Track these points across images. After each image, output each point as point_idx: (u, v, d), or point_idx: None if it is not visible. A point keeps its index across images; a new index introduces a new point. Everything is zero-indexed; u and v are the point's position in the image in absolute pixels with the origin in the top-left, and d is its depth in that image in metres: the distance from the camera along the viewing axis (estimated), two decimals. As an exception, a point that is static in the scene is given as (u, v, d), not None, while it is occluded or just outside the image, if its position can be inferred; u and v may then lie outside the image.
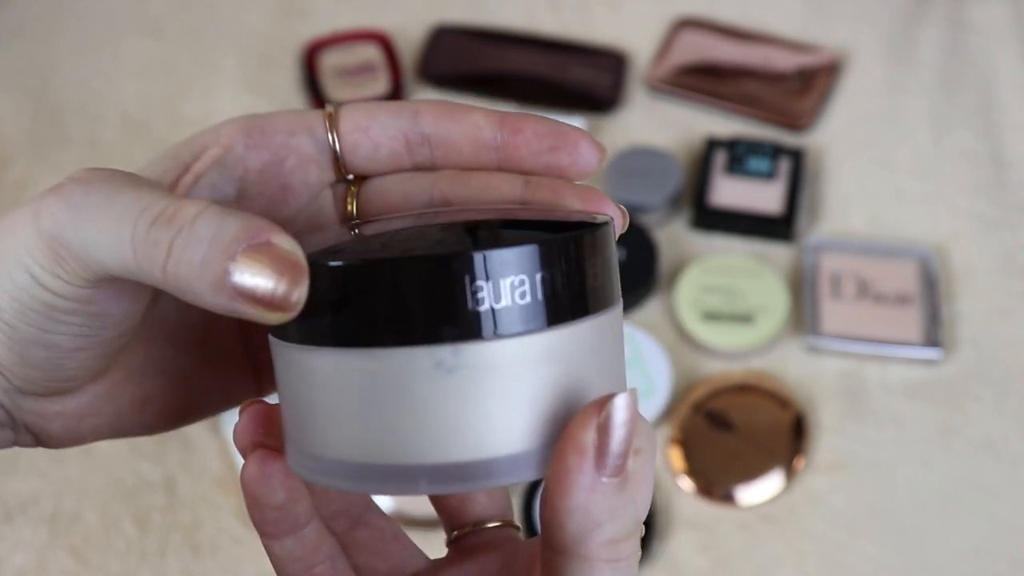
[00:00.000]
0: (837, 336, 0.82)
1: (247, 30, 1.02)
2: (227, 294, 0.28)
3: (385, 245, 0.31)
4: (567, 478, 0.29)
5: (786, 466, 0.77)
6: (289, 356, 0.31)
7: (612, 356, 0.32)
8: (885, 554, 0.74)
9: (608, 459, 0.29)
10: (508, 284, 0.29)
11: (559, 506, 0.29)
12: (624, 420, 0.29)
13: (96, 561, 0.74)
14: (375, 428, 0.29)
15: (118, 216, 0.30)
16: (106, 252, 0.30)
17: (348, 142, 0.36)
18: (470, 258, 0.28)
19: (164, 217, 0.29)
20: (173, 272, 0.29)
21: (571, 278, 0.30)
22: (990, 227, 0.89)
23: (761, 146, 0.91)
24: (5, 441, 0.36)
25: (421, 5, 1.03)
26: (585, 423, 0.29)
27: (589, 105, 0.96)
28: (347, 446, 0.30)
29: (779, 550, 0.75)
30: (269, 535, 0.34)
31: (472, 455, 0.29)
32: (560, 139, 0.35)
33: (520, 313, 0.29)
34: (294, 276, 0.28)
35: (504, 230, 0.32)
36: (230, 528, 0.75)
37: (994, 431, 0.79)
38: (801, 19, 1.02)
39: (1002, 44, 1.00)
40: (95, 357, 0.34)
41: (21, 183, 0.93)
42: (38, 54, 1.01)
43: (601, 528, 0.29)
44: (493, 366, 0.29)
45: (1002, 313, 0.85)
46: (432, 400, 0.29)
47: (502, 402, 0.29)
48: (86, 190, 0.31)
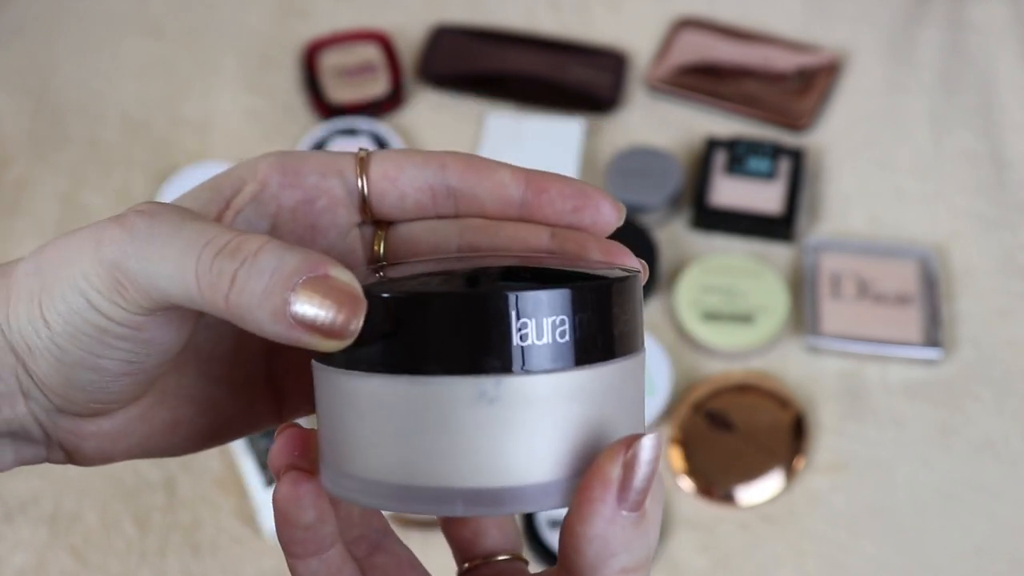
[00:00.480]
0: (837, 336, 0.82)
1: (247, 30, 1.02)
2: (286, 323, 0.30)
3: (433, 281, 0.33)
4: (590, 507, 0.31)
5: (786, 466, 0.77)
6: (334, 380, 0.33)
7: (635, 398, 0.34)
8: (885, 554, 0.74)
9: (630, 494, 0.31)
10: (549, 323, 0.31)
11: (580, 532, 0.31)
12: (649, 459, 0.31)
13: (96, 561, 0.74)
14: (416, 451, 0.31)
15: (183, 248, 0.32)
16: (170, 281, 0.32)
17: (376, 189, 0.37)
18: (518, 297, 0.30)
19: (228, 249, 0.31)
20: (235, 301, 0.31)
21: (604, 322, 0.32)
22: (990, 227, 0.89)
23: (761, 146, 0.91)
24: (37, 457, 0.37)
25: (421, 5, 1.03)
26: (613, 458, 0.31)
27: (589, 105, 0.96)
28: (387, 467, 0.32)
29: (779, 550, 0.75)
30: (296, 555, 0.36)
31: (506, 482, 0.31)
32: (583, 199, 0.37)
33: (558, 351, 0.31)
34: (352, 307, 0.31)
35: (542, 274, 0.34)
36: (230, 528, 0.75)
37: (994, 431, 0.79)
38: (801, 19, 1.02)
39: (1002, 44, 1.00)
40: (137, 382, 0.35)
41: (21, 183, 0.93)
42: (38, 54, 1.01)
43: (617, 557, 0.31)
44: (530, 399, 0.31)
45: (1002, 313, 0.85)
46: (472, 428, 0.31)
47: (535, 434, 0.31)
48: (150, 223, 0.33)
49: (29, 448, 0.37)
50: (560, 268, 0.34)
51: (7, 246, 0.89)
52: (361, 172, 0.37)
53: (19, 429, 0.36)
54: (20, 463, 0.37)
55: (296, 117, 0.96)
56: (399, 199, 0.37)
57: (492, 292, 0.31)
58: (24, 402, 0.35)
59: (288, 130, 0.96)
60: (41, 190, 0.92)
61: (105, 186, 0.92)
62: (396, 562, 0.39)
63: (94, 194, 0.92)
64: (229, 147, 0.95)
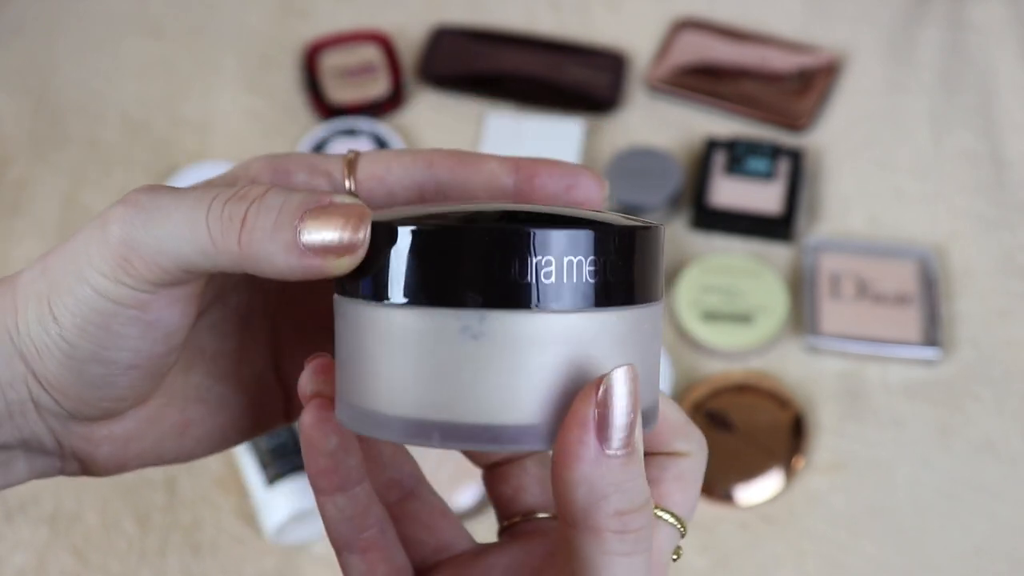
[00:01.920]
0: (836, 336, 0.83)
1: (247, 30, 1.02)
2: (298, 252, 0.32)
3: (437, 216, 0.33)
4: (570, 451, 0.31)
5: (786, 466, 0.77)
6: (343, 308, 0.34)
7: (639, 349, 0.33)
8: (885, 554, 0.74)
9: (610, 431, 0.30)
10: (545, 262, 0.31)
11: (565, 478, 0.31)
12: (623, 393, 0.31)
13: (96, 561, 0.74)
14: (400, 382, 0.32)
15: (192, 204, 0.33)
16: (181, 240, 0.32)
17: (363, 188, 0.38)
18: (528, 233, 0.31)
19: (236, 196, 0.33)
20: (247, 240, 0.32)
21: (596, 270, 0.32)
22: (990, 227, 0.89)
23: (760, 146, 0.91)
24: (51, 469, 0.38)
25: (421, 5, 1.03)
26: (585, 398, 0.31)
27: (589, 105, 0.96)
28: (376, 397, 0.32)
29: (779, 550, 0.75)
30: (322, 490, 0.36)
31: (484, 419, 0.31)
32: (574, 178, 0.37)
33: (556, 292, 0.31)
34: (358, 220, 0.32)
35: (550, 216, 0.34)
36: (230, 528, 0.75)
37: (994, 431, 0.79)
38: (801, 19, 1.02)
39: (1002, 44, 1.00)
40: (145, 377, 0.36)
41: (21, 183, 0.93)
42: (38, 54, 1.01)
43: (607, 499, 0.31)
44: (512, 338, 0.31)
45: (1001, 313, 0.85)
46: (453, 361, 0.31)
47: (516, 373, 0.31)
48: (151, 195, 0.34)
49: (42, 460, 0.37)
50: (576, 215, 0.34)
51: (7, 246, 0.89)
52: (349, 173, 0.38)
53: (31, 438, 0.36)
54: (34, 476, 0.38)
55: (296, 117, 0.97)
56: (387, 198, 0.38)
57: (502, 228, 0.31)
58: (35, 410, 0.36)
59: (288, 130, 0.96)
60: (41, 190, 0.92)
61: (105, 186, 0.92)
62: (428, 509, 0.39)
63: (94, 194, 0.92)
64: (229, 147, 0.95)
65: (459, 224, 0.32)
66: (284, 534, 0.73)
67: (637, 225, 0.33)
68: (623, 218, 0.34)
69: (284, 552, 0.74)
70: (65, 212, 0.91)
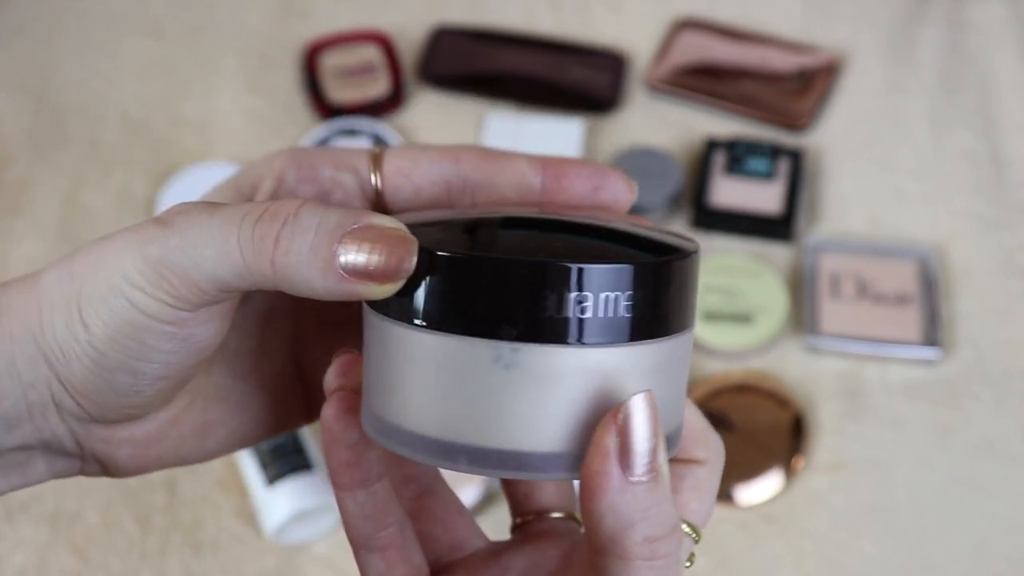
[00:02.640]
0: (836, 336, 0.83)
1: (247, 30, 1.02)
2: (336, 276, 0.31)
3: (478, 241, 0.33)
4: (595, 481, 0.30)
5: (785, 466, 0.77)
6: (372, 321, 0.34)
7: (670, 376, 0.33)
8: (885, 554, 0.74)
9: (633, 459, 0.30)
10: (582, 297, 0.31)
11: (591, 509, 0.31)
12: (643, 420, 0.30)
13: (97, 560, 0.74)
14: (430, 403, 0.32)
15: (221, 225, 0.32)
16: (216, 262, 0.32)
17: (390, 184, 0.37)
18: (566, 269, 0.31)
19: (267, 214, 0.32)
20: (282, 263, 0.31)
21: (644, 302, 0.32)
22: (990, 227, 0.89)
23: (760, 146, 0.91)
24: (71, 470, 0.37)
25: (421, 5, 1.03)
26: (605, 427, 0.30)
27: (589, 105, 0.96)
28: (403, 414, 0.33)
29: (779, 550, 0.75)
30: (343, 486, 0.36)
31: (511, 446, 0.31)
32: (602, 179, 0.37)
33: (592, 327, 0.31)
34: (402, 245, 0.31)
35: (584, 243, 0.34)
36: (231, 527, 0.75)
37: (993, 431, 0.79)
38: (801, 19, 1.02)
39: (1002, 44, 1.00)
40: (173, 384, 0.36)
41: (21, 183, 0.93)
42: (38, 54, 1.01)
43: (635, 527, 0.31)
44: (542, 371, 0.31)
45: (1001, 313, 0.85)
46: (484, 389, 0.31)
47: (544, 403, 0.31)
48: (185, 216, 0.33)
49: (63, 460, 0.37)
50: (615, 234, 0.34)
51: (7, 246, 0.89)
52: (375, 168, 0.37)
53: (51, 439, 0.36)
54: (54, 476, 0.37)
55: (296, 117, 0.97)
56: (413, 193, 0.37)
57: (537, 262, 0.31)
58: (56, 412, 0.35)
59: (288, 130, 0.96)
60: (41, 190, 0.92)
61: (105, 186, 0.93)
62: (444, 506, 0.39)
63: (94, 194, 0.92)
64: (229, 147, 0.95)
65: (498, 255, 0.31)
66: (284, 534, 0.73)
67: (675, 255, 0.33)
68: (660, 235, 0.34)
69: (284, 552, 0.74)
70: (65, 212, 0.91)
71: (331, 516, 0.74)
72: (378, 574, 0.37)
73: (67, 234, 0.90)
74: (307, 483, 0.73)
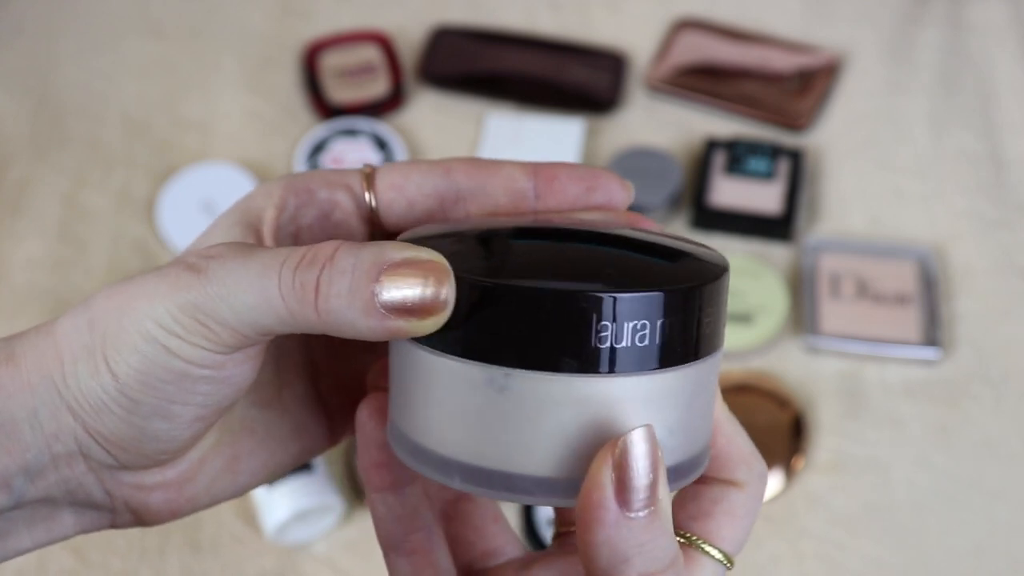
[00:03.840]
0: (836, 336, 0.83)
1: (247, 30, 1.02)
2: (378, 315, 0.31)
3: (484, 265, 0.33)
4: (590, 514, 0.30)
5: (785, 466, 0.78)
6: (395, 344, 0.34)
7: (694, 401, 0.33)
8: (884, 554, 0.75)
9: (630, 494, 0.30)
10: (602, 327, 0.30)
11: (587, 541, 0.30)
12: (642, 454, 0.30)
13: (96, 559, 0.74)
14: (432, 419, 0.32)
15: (260, 273, 0.32)
16: (258, 310, 0.32)
17: (384, 200, 0.37)
18: (597, 299, 0.30)
19: (305, 261, 0.32)
20: (325, 308, 0.31)
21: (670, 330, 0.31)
22: (989, 227, 0.89)
23: (760, 146, 0.91)
24: (102, 523, 0.37)
25: (421, 5, 1.03)
26: (602, 460, 0.30)
27: (588, 105, 0.96)
28: (413, 427, 0.33)
29: (779, 550, 0.75)
30: (375, 486, 0.36)
31: (500, 466, 0.31)
32: (594, 180, 0.37)
33: (616, 357, 0.30)
34: (438, 276, 0.31)
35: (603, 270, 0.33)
36: (231, 527, 0.75)
37: (993, 431, 0.79)
38: (801, 19, 1.02)
39: (1002, 44, 1.00)
40: (207, 425, 0.35)
41: (21, 183, 0.93)
42: (39, 54, 1.01)
43: (630, 562, 0.30)
44: (537, 396, 0.31)
45: (1001, 313, 0.85)
46: (478, 411, 0.31)
47: (537, 428, 0.31)
48: (219, 262, 0.33)
49: (91, 513, 0.36)
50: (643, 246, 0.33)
51: (7, 246, 0.89)
52: (368, 186, 0.37)
53: (78, 489, 0.35)
54: (82, 530, 0.37)
55: (296, 117, 0.97)
56: (407, 208, 0.37)
57: (563, 292, 0.31)
58: (83, 461, 0.35)
59: (288, 130, 0.96)
60: (42, 190, 0.92)
61: (106, 186, 0.93)
62: (481, 512, 0.39)
63: (95, 194, 0.92)
64: (229, 147, 0.95)
65: (517, 285, 0.31)
66: (284, 534, 0.73)
67: (706, 278, 0.32)
68: (689, 246, 0.34)
69: (284, 552, 0.74)
70: (65, 212, 0.91)
71: (331, 516, 0.74)
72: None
73: (67, 234, 0.90)
74: (307, 483, 0.73)
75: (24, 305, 0.85)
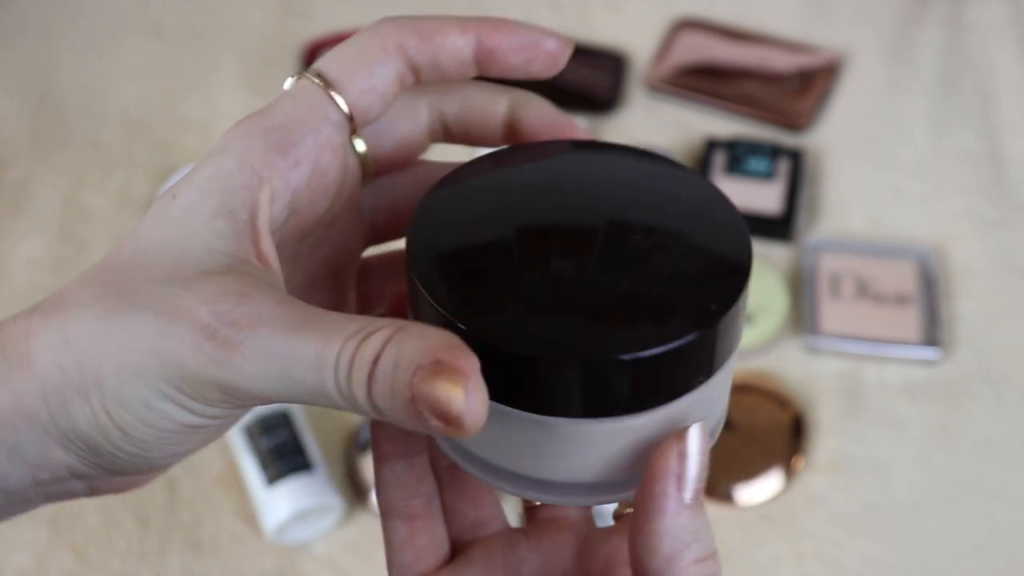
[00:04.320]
0: (836, 336, 0.83)
1: (247, 30, 1.02)
2: (417, 417, 0.29)
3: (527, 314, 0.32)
4: (655, 501, 0.32)
5: (785, 466, 0.78)
6: None
7: (711, 402, 0.34)
8: (885, 554, 0.75)
9: (688, 483, 0.32)
10: (619, 379, 0.31)
11: (647, 529, 0.32)
12: (699, 448, 0.32)
13: (97, 560, 0.74)
14: (481, 436, 0.32)
15: (312, 362, 0.29)
16: (303, 397, 0.30)
17: (360, 108, 0.36)
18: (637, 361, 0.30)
19: (358, 358, 0.29)
20: (376, 404, 0.30)
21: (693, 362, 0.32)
22: (989, 227, 0.89)
23: (760, 146, 0.91)
24: (72, 496, 0.35)
25: (421, 6, 1.03)
26: (667, 454, 0.32)
27: (589, 105, 0.96)
28: (471, 443, 0.34)
29: (778, 550, 0.75)
30: (384, 456, 0.36)
31: (552, 477, 0.33)
32: (533, 50, 0.37)
33: (622, 401, 0.31)
34: (467, 385, 0.29)
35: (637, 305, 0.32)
36: (231, 527, 0.75)
37: (993, 431, 0.79)
38: (801, 19, 1.02)
39: (1001, 45, 1.00)
40: (213, 439, 0.34)
41: (22, 183, 0.93)
42: (39, 54, 1.01)
43: (689, 548, 0.32)
44: (591, 434, 0.32)
45: (1001, 313, 0.85)
46: (531, 441, 0.32)
47: (591, 453, 0.32)
48: (253, 338, 0.30)
49: (67, 495, 0.35)
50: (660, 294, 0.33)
51: (7, 246, 0.89)
52: (349, 108, 0.36)
53: (61, 493, 0.34)
54: (50, 502, 0.35)
55: (296, 117, 0.96)
56: (382, 105, 0.36)
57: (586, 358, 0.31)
58: (72, 479, 0.34)
59: (288, 130, 0.96)
60: (42, 190, 0.92)
61: (106, 186, 0.93)
62: (476, 481, 0.39)
63: (95, 194, 0.92)
64: (229, 147, 0.95)
65: (544, 353, 0.31)
66: (284, 534, 0.73)
67: (736, 290, 0.33)
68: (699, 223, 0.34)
69: (284, 552, 0.74)
70: (66, 212, 0.91)
71: (331, 516, 0.74)
72: (400, 540, 0.37)
73: (67, 234, 0.90)
74: (307, 483, 0.73)
75: (24, 305, 0.85)
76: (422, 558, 0.38)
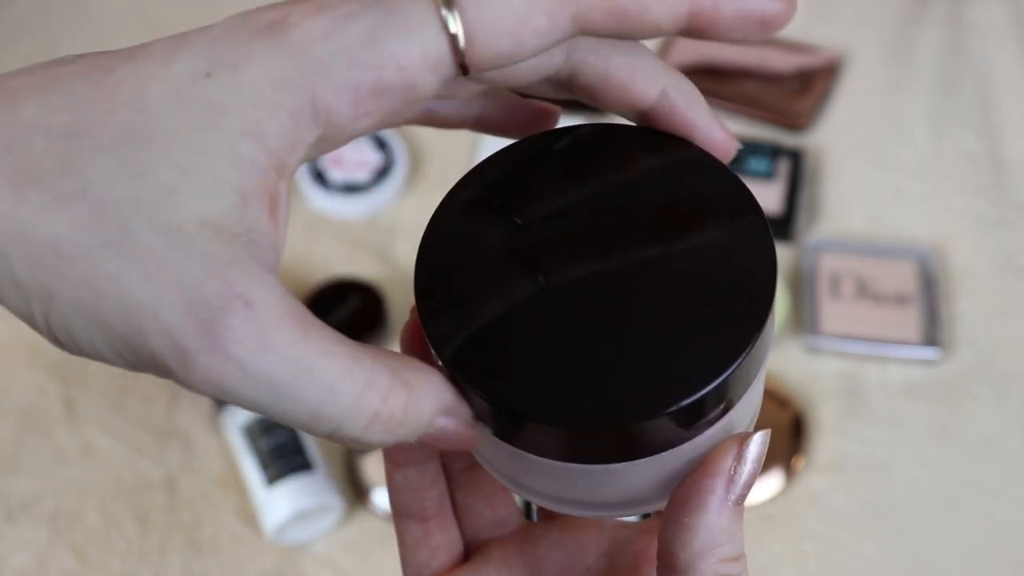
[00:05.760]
0: (836, 336, 0.83)
1: (247, 31, 1.02)
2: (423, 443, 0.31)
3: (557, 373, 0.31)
4: (698, 498, 0.32)
5: (785, 466, 0.78)
6: None
7: (752, 405, 0.34)
8: (885, 554, 0.75)
9: (737, 487, 0.32)
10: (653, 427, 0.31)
11: (685, 523, 0.32)
12: (756, 456, 0.32)
13: (97, 560, 0.74)
14: (516, 465, 0.33)
15: (344, 403, 0.28)
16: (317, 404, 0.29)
17: (482, 64, 0.29)
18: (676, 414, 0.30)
19: (394, 421, 0.29)
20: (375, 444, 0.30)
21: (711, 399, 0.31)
22: (989, 227, 0.89)
23: (760, 146, 0.91)
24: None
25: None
26: (727, 452, 0.32)
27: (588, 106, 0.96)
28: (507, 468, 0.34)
29: (779, 550, 0.75)
30: (397, 463, 0.37)
31: (590, 498, 0.33)
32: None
33: (659, 438, 0.31)
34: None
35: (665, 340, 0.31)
36: (231, 527, 0.75)
37: (993, 431, 0.79)
38: (801, 19, 1.02)
39: (1001, 45, 1.00)
40: None
41: (22, 183, 0.93)
42: (40, 55, 1.01)
43: (721, 547, 0.32)
44: (626, 471, 0.32)
45: (1001, 313, 0.85)
46: (565, 475, 0.32)
47: (628, 482, 0.33)
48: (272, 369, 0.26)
49: None
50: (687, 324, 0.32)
51: (8, 246, 0.89)
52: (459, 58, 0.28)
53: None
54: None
55: (296, 117, 0.97)
56: (515, 49, 0.30)
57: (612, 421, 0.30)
58: None
59: (288, 130, 0.96)
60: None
61: (106, 186, 0.92)
62: (491, 481, 0.39)
63: (95, 194, 0.92)
64: (230, 147, 0.95)
65: (584, 419, 0.30)
66: (284, 534, 0.73)
67: (759, 318, 0.31)
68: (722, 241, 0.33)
69: (284, 552, 0.74)
70: (66, 212, 0.91)
71: (331, 516, 0.74)
72: (414, 540, 0.38)
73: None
74: (307, 483, 0.73)
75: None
76: (437, 556, 0.38)
